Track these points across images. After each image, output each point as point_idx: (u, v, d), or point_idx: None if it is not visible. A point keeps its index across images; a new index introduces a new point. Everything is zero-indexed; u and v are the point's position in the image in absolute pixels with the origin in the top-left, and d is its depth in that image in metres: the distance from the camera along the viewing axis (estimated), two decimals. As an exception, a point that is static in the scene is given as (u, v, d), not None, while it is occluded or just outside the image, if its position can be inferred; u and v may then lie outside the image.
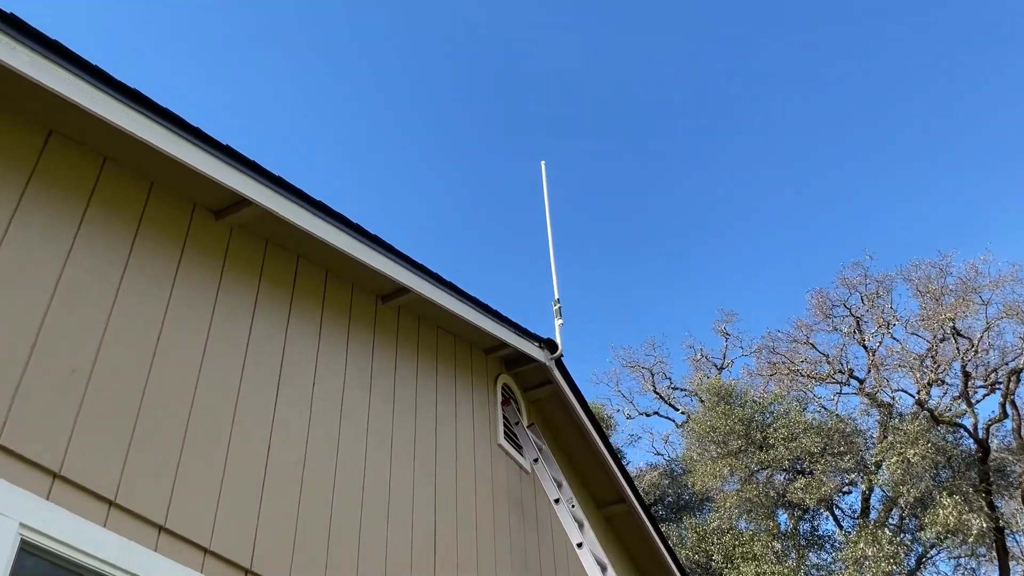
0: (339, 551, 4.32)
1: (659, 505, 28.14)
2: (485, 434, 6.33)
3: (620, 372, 29.67)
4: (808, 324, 25.43)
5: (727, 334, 29.97)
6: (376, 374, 5.23)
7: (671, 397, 29.81)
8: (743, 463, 23.90)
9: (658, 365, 29.22)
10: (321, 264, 5.05)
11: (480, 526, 5.76)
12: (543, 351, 6.91)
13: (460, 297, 5.86)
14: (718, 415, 25.07)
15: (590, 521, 7.56)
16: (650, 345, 29.48)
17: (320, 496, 4.34)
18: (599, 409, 29.26)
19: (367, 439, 4.90)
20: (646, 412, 30.03)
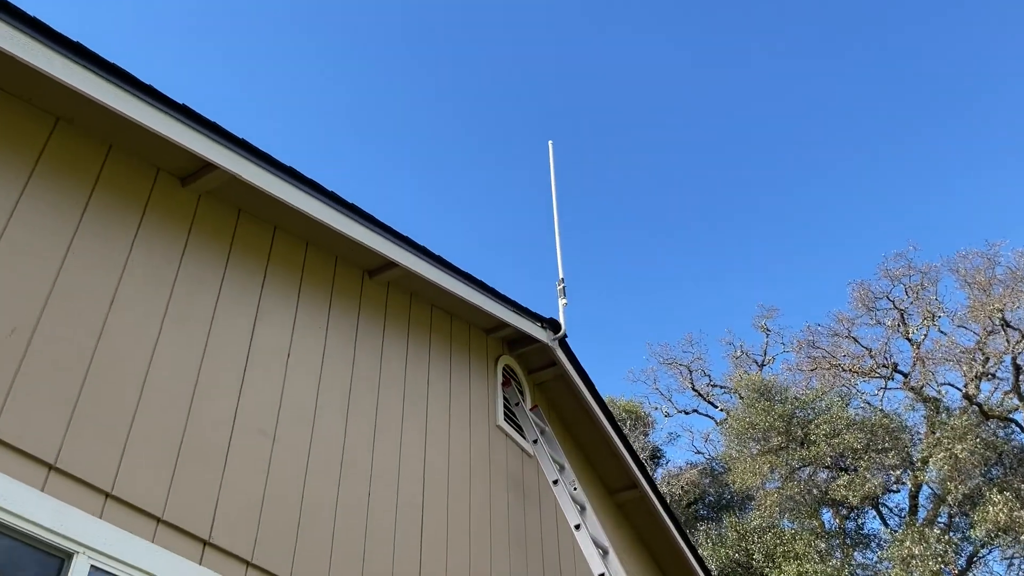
0: (312, 525, 4.17)
1: (699, 504, 27.69)
2: (483, 414, 6.16)
3: (657, 370, 29.25)
4: (850, 317, 24.81)
5: (767, 330, 29.41)
6: (361, 348, 5.09)
7: (710, 394, 29.33)
8: (784, 460, 23.38)
9: (696, 362, 28.76)
10: (300, 235, 4.92)
11: (475, 505, 5.59)
12: (545, 331, 6.72)
13: (452, 273, 5.70)
14: (758, 411, 24.57)
15: (602, 509, 7.34)
16: (688, 342, 29.16)
17: (292, 468, 4.20)
18: (636, 407, 28.94)
19: (348, 413, 4.76)
20: (685, 410, 29.57)
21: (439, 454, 5.44)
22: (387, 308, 5.53)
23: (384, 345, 5.34)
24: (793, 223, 37.48)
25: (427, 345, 5.80)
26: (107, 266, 3.69)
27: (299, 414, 4.40)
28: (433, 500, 5.19)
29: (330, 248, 5.10)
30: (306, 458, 4.33)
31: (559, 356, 6.82)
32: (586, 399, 7.03)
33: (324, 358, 4.75)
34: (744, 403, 25.77)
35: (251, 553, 3.79)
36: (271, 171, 4.38)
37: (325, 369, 4.73)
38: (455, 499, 5.41)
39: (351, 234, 4.88)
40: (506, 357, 6.79)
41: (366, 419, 4.89)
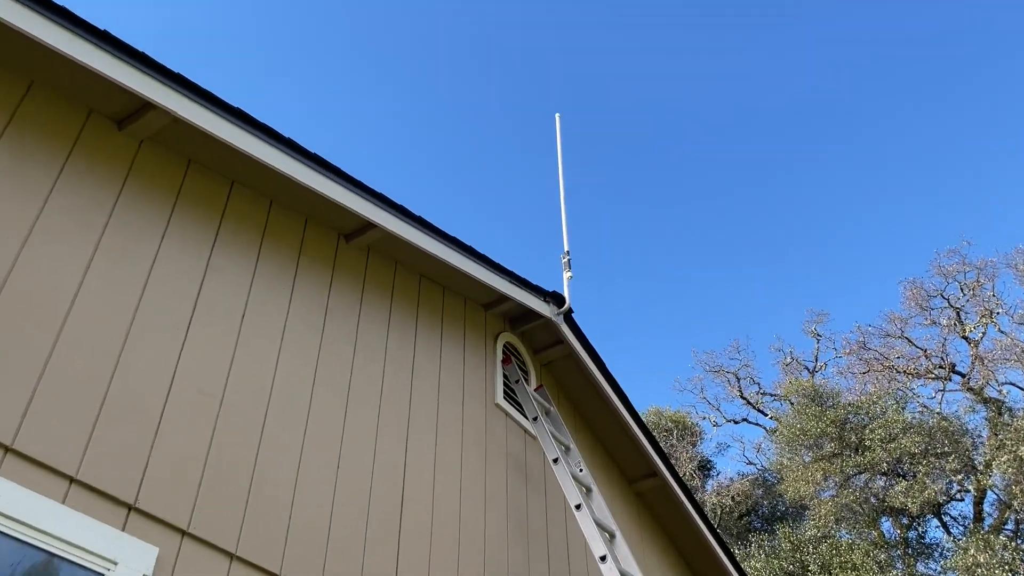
0: (268, 496, 3.78)
1: (752, 515, 26.77)
2: (479, 392, 5.73)
3: (704, 378, 28.47)
4: (903, 317, 23.85)
5: (818, 335, 28.50)
6: (333, 316, 4.71)
7: (760, 403, 28.45)
8: (838, 467, 22.46)
9: (744, 369, 27.94)
10: (262, 191, 4.57)
11: (467, 485, 5.15)
12: (549, 305, 6.28)
13: (439, 237, 5.31)
14: (809, 417, 23.70)
15: (620, 499, 6.85)
16: (734, 348, 28.30)
17: (242, 433, 3.82)
18: (683, 417, 28.17)
19: (315, 382, 4.38)
20: (734, 419, 28.73)
21: (425, 430, 5.02)
22: (366, 275, 5.15)
23: (362, 314, 4.95)
24: (839, 222, 36.41)
25: (413, 317, 5.41)
26: (20, 209, 3.37)
27: (253, 379, 4.03)
28: (417, 477, 4.77)
29: (298, 206, 4.75)
30: (261, 424, 3.95)
31: (565, 333, 6.37)
32: (596, 378, 6.56)
33: (287, 323, 4.38)
34: (795, 409, 24.90)
35: (188, 522, 3.40)
36: (219, 114, 4.05)
37: (288, 335, 4.36)
38: (444, 480, 4.98)
39: (317, 187, 4.52)
40: (507, 335, 6.36)
41: (336, 390, 4.50)
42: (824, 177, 36.26)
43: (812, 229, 36.87)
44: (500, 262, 5.88)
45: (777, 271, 37.65)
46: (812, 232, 37.01)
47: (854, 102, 34.81)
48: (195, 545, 3.42)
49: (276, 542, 3.75)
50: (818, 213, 36.68)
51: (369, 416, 4.64)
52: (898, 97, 33.58)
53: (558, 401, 6.67)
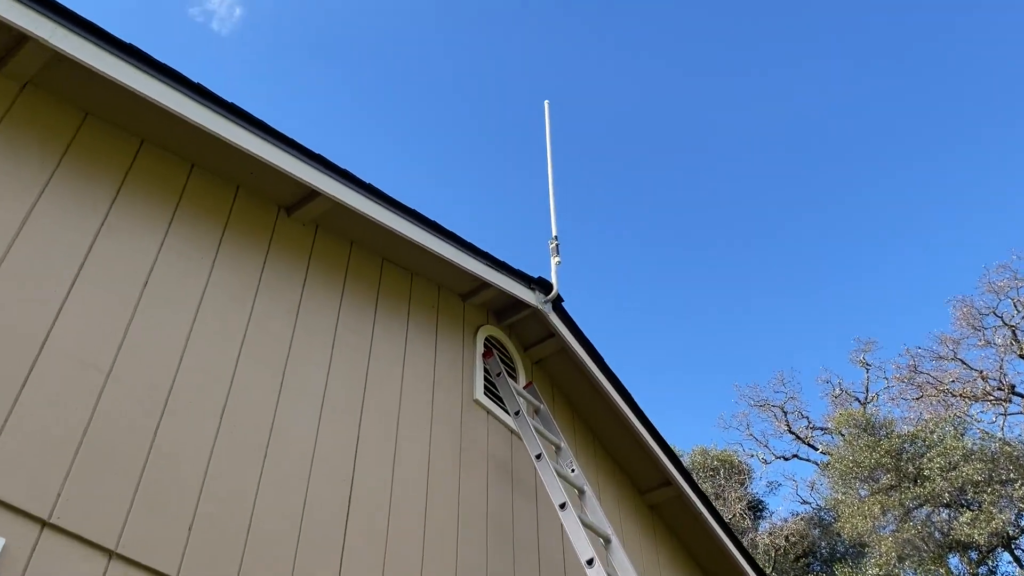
0: (161, 488, 3.19)
1: (810, 557, 25.32)
2: (453, 386, 5.10)
3: (749, 413, 27.31)
4: (955, 338, 22.60)
5: (867, 364, 27.24)
6: (267, 291, 4.15)
7: (810, 437, 27.15)
8: (896, 500, 21.15)
9: (791, 402, 26.75)
10: (177, 149, 4.07)
11: (436, 487, 4.49)
12: (535, 293, 5.66)
13: (395, 209, 4.75)
14: (862, 448, 22.48)
15: (631, 512, 6.13)
16: (779, 381, 27.18)
17: (136, 415, 3.25)
18: (730, 456, 26.99)
19: (239, 358, 3.80)
20: (784, 456, 27.42)
21: (381, 422, 4.40)
22: (313, 253, 4.59)
23: (305, 294, 4.38)
24: (878, 244, 35.16)
25: (372, 302, 4.82)
26: None
27: (153, 350, 3.46)
28: (370, 474, 4.13)
29: (224, 170, 4.23)
30: (162, 403, 3.36)
31: (554, 323, 5.73)
32: (592, 374, 5.88)
33: (205, 294, 3.83)
34: (846, 441, 23.68)
35: (49, 511, 2.82)
36: (124, 58, 3.57)
37: (206, 306, 3.80)
38: (405, 476, 4.34)
39: (240, 143, 4.00)
40: (491, 328, 5.74)
41: (268, 370, 3.92)
42: (860, 198, 35.23)
43: (850, 253, 35.70)
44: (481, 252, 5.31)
45: (817, 299, 36.42)
46: (851, 256, 35.81)
47: (888, 116, 33.91)
48: (59, 538, 2.83)
49: (174, 540, 3.13)
50: (855, 236, 35.52)
51: (308, 402, 4.04)
52: (938, 109, 32.60)
53: (554, 403, 6.01)
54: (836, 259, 36.21)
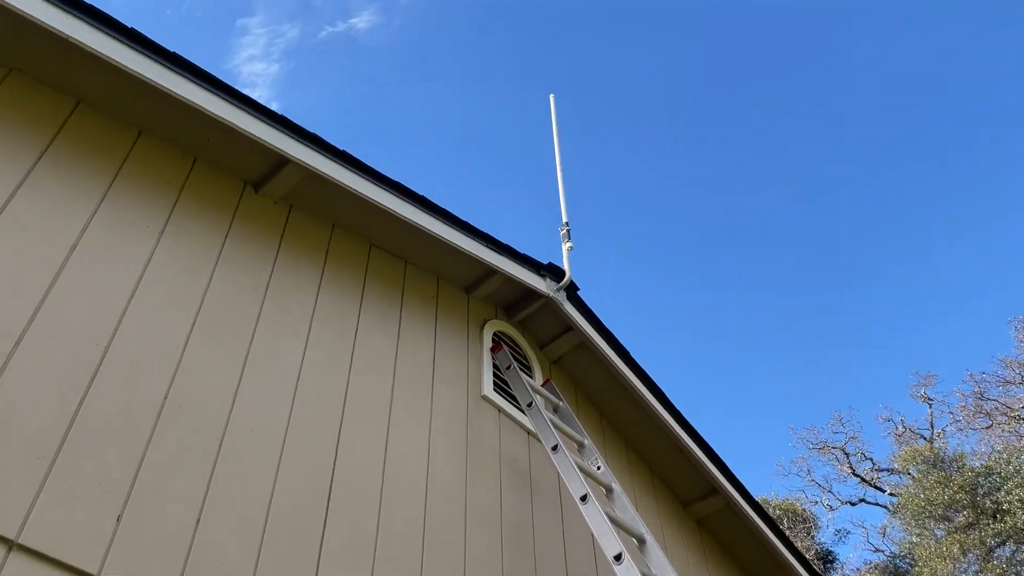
0: (83, 474, 2.65)
1: (890, 610, 23.68)
2: (457, 380, 4.52)
3: (809, 458, 25.98)
4: (1020, 361, 21.33)
5: (928, 399, 25.88)
6: (228, 263, 3.66)
7: (876, 479, 25.69)
8: (976, 539, 19.73)
9: (852, 443, 25.40)
10: (122, 114, 3.64)
11: (436, 489, 3.88)
12: (545, 280, 5.10)
13: (376, 180, 4.27)
14: (932, 486, 21.14)
15: (676, 528, 5.42)
16: (837, 421, 25.78)
17: (54, 386, 2.73)
18: (792, 504, 25.62)
19: (191, 332, 3.28)
20: (850, 501, 25.93)
21: (367, 414, 3.83)
22: (286, 231, 4.11)
23: (275, 273, 3.88)
24: (927, 266, 33.72)
25: (358, 288, 4.31)
26: None
27: (80, 313, 2.97)
28: (354, 472, 3.55)
29: (177, 135, 3.79)
30: (90, 375, 2.85)
31: (570, 314, 5.15)
32: (618, 369, 5.26)
33: (151, 260, 3.34)
34: (915, 479, 22.33)
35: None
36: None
37: (152, 271, 3.30)
38: (399, 476, 3.74)
39: (195, 101, 3.57)
40: (500, 323, 5.17)
41: (227, 346, 3.40)
42: (903, 221, 34.09)
43: (898, 283, 34.40)
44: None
45: (868, 333, 34.99)
46: (899, 286, 34.48)
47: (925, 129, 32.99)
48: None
49: (97, 534, 2.57)
50: (902, 260, 34.23)
51: (277, 386, 3.49)
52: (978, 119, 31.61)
53: (578, 407, 5.38)
54: (884, 290, 34.94)
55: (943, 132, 32.51)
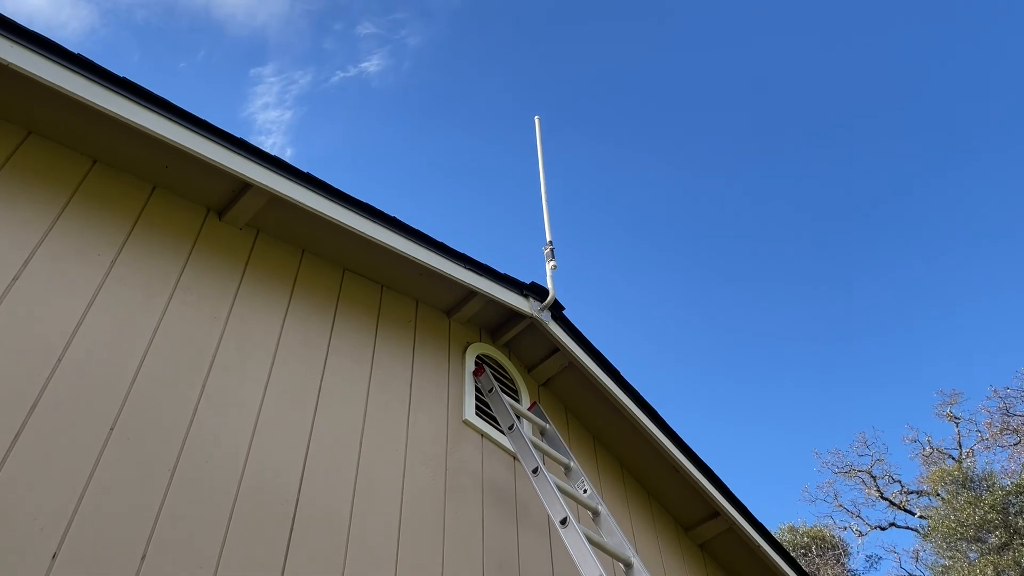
0: (36, 498, 2.53)
1: (927, 637, 23.01)
2: (436, 405, 4.37)
3: (835, 482, 25.46)
4: (1045, 375, 20.85)
5: (955, 417, 25.37)
6: (187, 290, 3.56)
7: (905, 502, 25.12)
8: (1010, 559, 19.19)
9: (878, 465, 24.89)
10: (74, 142, 3.57)
11: (412, 518, 3.72)
12: (528, 300, 4.96)
13: (341, 202, 4.17)
14: (963, 506, 20.66)
15: (678, 554, 5.20)
16: (862, 443, 25.28)
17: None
18: (821, 531, 25.10)
19: (144, 358, 3.17)
20: (880, 525, 25.35)
21: (336, 441, 3.69)
22: (251, 257, 4.01)
23: (239, 297, 3.77)
24: (946, 283, 33.19)
25: (330, 314, 4.19)
26: None
27: (25, 355, 2.86)
28: (320, 496, 3.40)
29: (136, 164, 3.71)
30: (31, 400, 2.74)
31: (555, 334, 5.00)
32: (608, 390, 5.10)
33: (104, 285, 3.24)
34: (945, 501, 21.81)
35: None
36: None
37: (103, 297, 3.20)
38: (371, 503, 3.59)
39: (149, 127, 3.49)
40: (484, 346, 5.03)
41: (186, 367, 3.28)
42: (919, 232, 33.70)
43: (915, 299, 33.90)
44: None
45: (889, 351, 34.44)
46: (917, 302, 33.96)
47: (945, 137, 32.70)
48: None
49: (37, 561, 2.45)
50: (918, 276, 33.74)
51: (238, 411, 3.36)
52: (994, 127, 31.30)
53: (568, 431, 5.21)
54: (901, 308, 34.48)
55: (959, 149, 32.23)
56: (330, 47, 32.76)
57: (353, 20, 32.19)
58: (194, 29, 30.60)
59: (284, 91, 32.62)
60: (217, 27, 30.66)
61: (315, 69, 33.26)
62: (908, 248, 34.00)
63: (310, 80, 33.04)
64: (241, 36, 31.11)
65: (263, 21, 30.81)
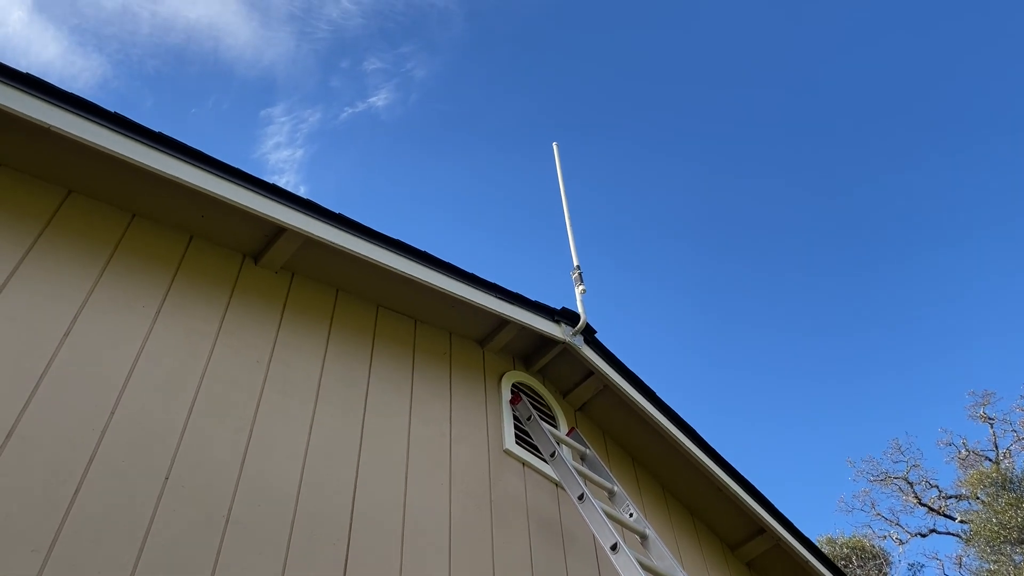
0: (96, 552, 2.57)
1: (976, 645, 22.55)
2: (478, 438, 4.40)
3: (871, 490, 25.10)
4: (1079, 370, 20.55)
5: (989, 418, 25.01)
6: (229, 336, 3.61)
7: (944, 507, 24.71)
8: (1058, 560, 18.83)
9: (914, 471, 24.54)
10: (119, 203, 3.65)
11: (459, 547, 3.73)
12: (560, 326, 4.99)
13: (373, 240, 4.23)
14: (1004, 509, 20.32)
15: (725, 573, 5.17)
16: (896, 449, 24.94)
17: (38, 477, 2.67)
18: (860, 541, 24.72)
19: (191, 410, 3.21)
20: (920, 532, 24.91)
21: (383, 478, 3.72)
22: (288, 300, 4.07)
23: (279, 342, 3.82)
24: (970, 277, 32.72)
25: (367, 353, 4.23)
26: None
27: (81, 407, 2.92)
28: (369, 536, 3.42)
29: (170, 215, 3.79)
30: (90, 451, 2.79)
31: (589, 358, 5.02)
32: (646, 412, 5.10)
33: (148, 339, 3.30)
34: (985, 504, 21.46)
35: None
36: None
37: (150, 349, 3.26)
38: (419, 538, 3.60)
39: (176, 175, 3.56)
40: (519, 374, 5.06)
41: (233, 423, 3.32)
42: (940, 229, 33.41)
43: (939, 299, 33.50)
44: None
45: (915, 354, 34.02)
46: (943, 302, 33.55)
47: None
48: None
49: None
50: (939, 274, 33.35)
51: (286, 460, 3.40)
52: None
53: (608, 455, 5.21)
54: (929, 308, 34.11)
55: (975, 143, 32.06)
56: (337, 84, 33.20)
57: (359, 56, 32.65)
58: (203, 75, 31.03)
59: (295, 130, 33.03)
60: (226, 70, 31.08)
61: (324, 107, 33.71)
62: (923, 247, 33.70)
63: (319, 118, 33.47)
64: (249, 77, 31.56)
65: (270, 61, 31.24)
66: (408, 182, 34.78)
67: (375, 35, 30.90)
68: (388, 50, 31.40)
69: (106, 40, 27.02)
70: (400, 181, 34.74)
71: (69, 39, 27.12)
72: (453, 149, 34.40)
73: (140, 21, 26.96)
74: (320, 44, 30.78)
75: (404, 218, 34.29)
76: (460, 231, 34.15)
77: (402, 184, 34.58)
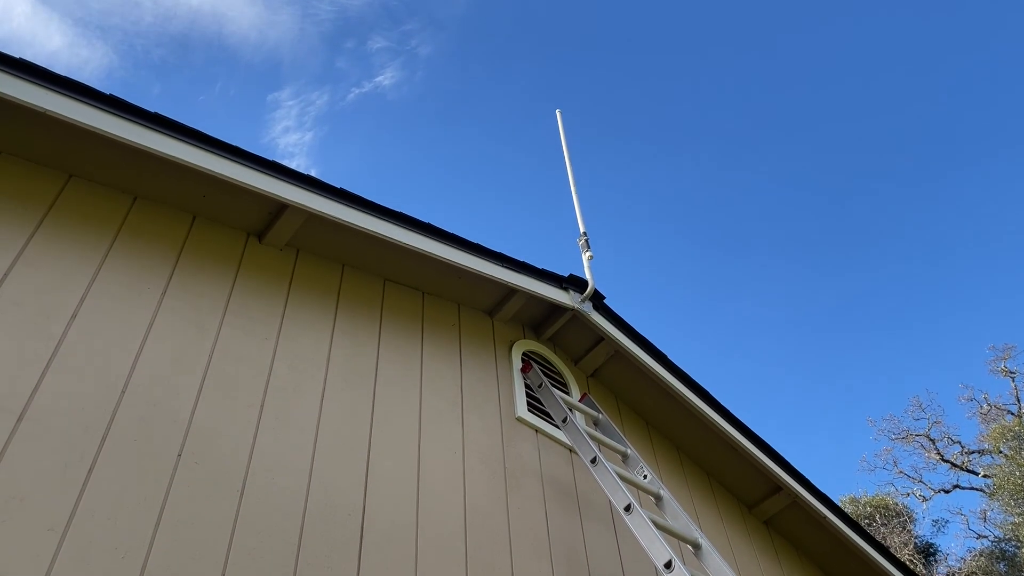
0: (111, 531, 2.60)
1: (1002, 597, 22.56)
2: (489, 405, 4.41)
3: (893, 449, 25.06)
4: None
5: (1010, 372, 24.85)
6: (236, 315, 3.63)
7: (967, 463, 24.65)
8: (1081, 512, 18.79)
9: (936, 427, 24.46)
10: (120, 185, 3.66)
11: (474, 513, 3.76)
12: (569, 293, 4.98)
13: (376, 213, 4.22)
14: (1027, 462, 20.25)
15: (743, 533, 5.19)
16: (916, 407, 24.84)
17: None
18: (884, 499, 24.71)
19: (200, 390, 3.24)
20: (944, 489, 24.88)
21: (395, 450, 3.74)
22: (294, 277, 4.08)
23: (285, 321, 3.84)
24: (989, 237, 32.41)
25: (375, 325, 4.24)
26: None
27: (91, 388, 2.94)
28: (386, 505, 3.45)
29: (171, 196, 3.79)
30: (101, 433, 2.81)
31: (599, 324, 5.01)
32: (657, 375, 5.09)
33: (152, 325, 3.32)
34: (1008, 458, 21.40)
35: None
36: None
37: (155, 336, 3.28)
38: (435, 505, 3.63)
39: (175, 155, 3.56)
40: (529, 343, 5.06)
41: (244, 397, 3.35)
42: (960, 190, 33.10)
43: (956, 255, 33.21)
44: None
45: (932, 309, 33.77)
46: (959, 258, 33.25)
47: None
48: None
49: None
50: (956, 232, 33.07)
51: (297, 435, 3.42)
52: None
53: (621, 419, 5.22)
54: (946, 266, 33.82)
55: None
56: (343, 65, 33.05)
57: (363, 36, 32.47)
58: (209, 61, 31.00)
59: (303, 113, 32.98)
60: (231, 55, 31.02)
61: (331, 88, 33.60)
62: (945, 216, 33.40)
63: (327, 100, 33.36)
64: (255, 61, 31.47)
65: (275, 43, 31.12)
66: (418, 159, 34.69)
67: (379, 13, 30.75)
68: (392, 28, 31.21)
69: (110, 30, 27.04)
70: (410, 158, 34.66)
71: (73, 31, 27.16)
72: (461, 126, 34.27)
73: (143, 10, 26.95)
74: (324, 25, 30.65)
75: (415, 195, 34.29)
76: (472, 206, 34.11)
77: (412, 161, 34.51)
